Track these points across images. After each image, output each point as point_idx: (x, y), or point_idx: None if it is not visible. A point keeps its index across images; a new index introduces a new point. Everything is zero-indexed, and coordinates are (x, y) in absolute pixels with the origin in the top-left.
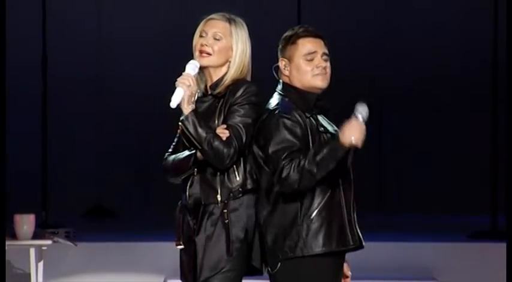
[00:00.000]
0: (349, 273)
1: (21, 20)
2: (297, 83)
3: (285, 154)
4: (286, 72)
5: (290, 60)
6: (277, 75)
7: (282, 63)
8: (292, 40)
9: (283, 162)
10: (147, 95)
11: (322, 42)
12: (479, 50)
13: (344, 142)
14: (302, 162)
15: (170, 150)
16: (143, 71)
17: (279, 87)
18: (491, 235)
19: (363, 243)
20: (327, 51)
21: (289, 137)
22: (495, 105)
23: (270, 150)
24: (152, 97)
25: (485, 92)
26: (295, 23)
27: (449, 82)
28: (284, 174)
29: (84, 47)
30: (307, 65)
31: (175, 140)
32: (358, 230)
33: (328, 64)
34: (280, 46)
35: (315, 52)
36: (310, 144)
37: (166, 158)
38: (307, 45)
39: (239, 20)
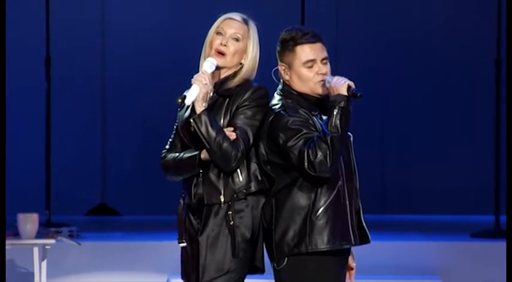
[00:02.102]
0: (353, 264)
1: (24, 18)
2: (298, 89)
3: (305, 141)
4: (287, 77)
5: (289, 66)
6: (277, 78)
7: (281, 68)
8: (289, 47)
9: (305, 148)
10: (152, 94)
11: (320, 46)
12: (483, 48)
13: (340, 91)
14: (322, 138)
15: (167, 146)
16: (148, 71)
17: (280, 87)
18: (495, 234)
19: (369, 238)
20: (326, 55)
21: (302, 128)
22: (499, 104)
23: (289, 144)
24: (156, 96)
25: (489, 91)
26: (298, 21)
27: (453, 81)
28: (312, 156)
29: (88, 45)
30: (308, 72)
31: (172, 136)
32: (365, 225)
33: (328, 67)
34: (278, 49)
35: (314, 59)
36: None
37: (165, 155)
38: (306, 53)
39: (253, 22)
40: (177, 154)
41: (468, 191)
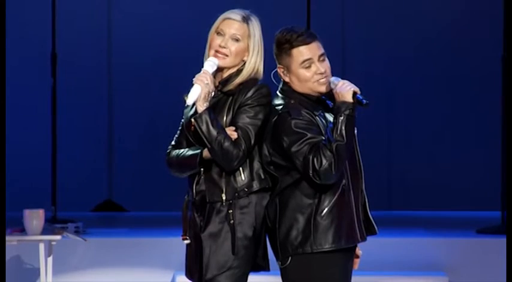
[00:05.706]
0: (359, 252)
1: (30, 15)
2: (299, 89)
3: (310, 148)
4: (287, 79)
5: (288, 68)
6: (276, 79)
7: (280, 70)
8: (286, 50)
9: (310, 156)
10: (159, 90)
11: (316, 44)
12: (490, 46)
13: (346, 98)
14: (327, 146)
15: (173, 143)
16: (155, 67)
17: (281, 86)
18: (501, 230)
19: (376, 230)
20: (322, 51)
21: (306, 133)
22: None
23: (293, 149)
24: (163, 92)
25: (496, 89)
26: (304, 21)
27: (459, 79)
28: (317, 165)
29: (94, 41)
30: (307, 72)
31: (178, 132)
32: (371, 217)
33: (327, 64)
34: (275, 51)
35: (310, 58)
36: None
37: (170, 152)
38: (303, 53)
39: (254, 18)
40: (181, 151)
41: (474, 187)
